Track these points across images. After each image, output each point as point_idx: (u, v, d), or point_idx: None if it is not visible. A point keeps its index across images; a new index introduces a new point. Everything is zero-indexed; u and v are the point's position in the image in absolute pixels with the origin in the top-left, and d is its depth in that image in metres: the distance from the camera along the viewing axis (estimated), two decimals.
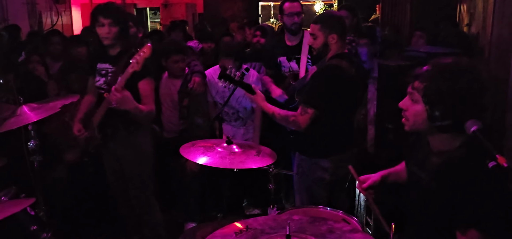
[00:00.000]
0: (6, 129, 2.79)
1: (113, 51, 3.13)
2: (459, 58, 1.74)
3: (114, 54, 3.13)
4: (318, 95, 2.78)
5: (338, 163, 2.92)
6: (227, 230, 1.68)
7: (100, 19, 3.02)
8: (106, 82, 3.12)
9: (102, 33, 3.04)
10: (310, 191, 2.96)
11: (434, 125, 1.68)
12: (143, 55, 2.81)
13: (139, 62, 2.81)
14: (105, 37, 3.05)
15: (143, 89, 3.04)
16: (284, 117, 2.85)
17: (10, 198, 2.58)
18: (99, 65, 3.19)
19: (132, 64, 2.82)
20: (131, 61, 2.82)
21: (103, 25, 3.02)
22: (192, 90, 3.73)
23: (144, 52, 2.82)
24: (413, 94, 1.73)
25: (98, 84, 3.19)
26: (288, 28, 3.86)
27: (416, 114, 1.73)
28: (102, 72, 3.17)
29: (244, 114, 4.00)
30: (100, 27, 3.04)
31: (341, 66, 2.78)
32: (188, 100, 3.80)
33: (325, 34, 2.81)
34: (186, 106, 3.81)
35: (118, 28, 3.05)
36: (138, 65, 2.81)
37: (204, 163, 2.44)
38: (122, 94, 2.80)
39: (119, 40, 3.08)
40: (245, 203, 4.50)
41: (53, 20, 7.72)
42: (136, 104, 2.92)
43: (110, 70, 3.12)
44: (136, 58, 2.82)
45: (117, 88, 2.80)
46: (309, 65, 3.82)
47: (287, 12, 3.86)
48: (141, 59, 2.81)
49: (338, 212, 2.53)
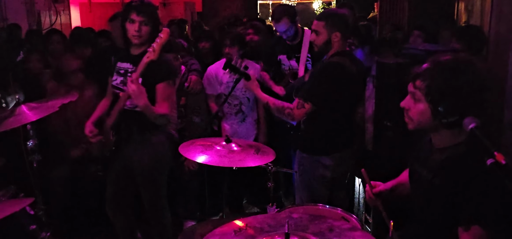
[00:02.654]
0: (5, 129, 2.79)
1: (137, 50, 2.91)
2: (457, 55, 1.75)
3: (137, 53, 2.88)
4: (317, 91, 2.78)
5: (339, 160, 2.93)
6: (227, 228, 1.68)
7: (132, 15, 2.81)
8: (123, 82, 2.89)
9: (130, 30, 2.82)
10: (311, 189, 2.97)
11: (439, 122, 1.68)
12: (160, 41, 2.65)
13: (156, 50, 2.64)
14: (134, 36, 2.83)
15: (161, 91, 2.85)
16: (279, 108, 2.84)
17: (9, 198, 2.58)
18: (119, 64, 2.98)
19: (148, 53, 2.65)
20: (147, 50, 2.67)
21: (134, 22, 2.80)
22: (188, 89, 3.72)
23: (160, 38, 2.65)
24: (415, 93, 1.73)
25: (115, 84, 2.98)
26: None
27: (420, 113, 1.73)
28: (121, 71, 2.96)
29: (246, 107, 3.99)
30: (130, 24, 2.82)
31: (343, 64, 2.78)
32: (186, 99, 3.79)
33: (329, 32, 2.81)
34: (183, 105, 3.81)
35: (149, 28, 2.84)
36: (155, 53, 2.64)
37: (203, 161, 2.44)
38: (138, 86, 2.64)
39: (148, 39, 2.82)
40: (245, 201, 4.51)
41: (52, 19, 7.70)
42: (148, 103, 2.72)
43: (130, 70, 2.89)
44: (152, 46, 2.65)
45: (133, 79, 2.63)
46: (308, 64, 3.83)
47: (276, 29, 3.91)
48: (158, 46, 2.64)
49: (337, 210, 2.54)
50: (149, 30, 2.84)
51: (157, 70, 2.78)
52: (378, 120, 3.34)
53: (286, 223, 1.55)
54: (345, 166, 3.03)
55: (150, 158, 3.00)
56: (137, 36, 2.83)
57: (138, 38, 2.84)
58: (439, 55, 1.74)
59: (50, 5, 7.70)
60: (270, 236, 1.61)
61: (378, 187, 2.14)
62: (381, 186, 2.15)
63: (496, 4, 3.38)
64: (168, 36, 2.68)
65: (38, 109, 2.90)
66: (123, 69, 2.96)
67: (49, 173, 3.58)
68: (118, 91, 2.92)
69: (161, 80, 2.84)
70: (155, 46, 2.65)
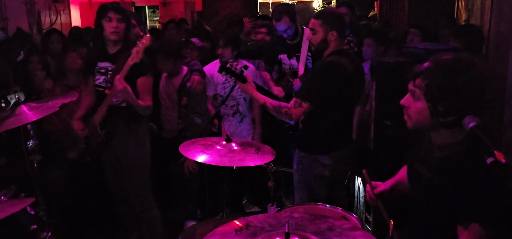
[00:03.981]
0: (5, 129, 2.79)
1: (113, 49, 3.15)
2: (458, 54, 1.75)
3: (114, 52, 3.15)
4: (316, 91, 2.79)
5: (338, 159, 2.93)
6: (227, 227, 1.67)
7: (109, 14, 3.05)
8: (105, 81, 3.15)
9: (109, 28, 3.07)
10: (310, 188, 2.97)
11: (437, 121, 1.68)
12: (142, 46, 2.87)
13: (139, 52, 2.88)
14: (112, 32, 3.07)
15: (141, 85, 3.09)
16: (276, 107, 2.85)
17: (9, 198, 2.58)
18: (99, 64, 3.20)
19: (132, 55, 2.89)
20: (131, 52, 2.88)
21: (111, 20, 3.05)
22: (190, 89, 3.73)
23: (143, 43, 2.88)
24: (415, 91, 1.73)
25: (98, 83, 3.21)
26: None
27: (418, 112, 1.73)
28: (101, 71, 3.19)
29: (244, 108, 3.99)
30: (107, 22, 3.06)
31: (340, 63, 2.78)
32: (187, 99, 3.79)
33: (325, 31, 2.81)
34: (184, 106, 3.81)
35: (124, 25, 3.10)
36: (138, 55, 2.88)
37: (203, 161, 2.44)
38: (124, 84, 2.89)
39: (123, 38, 3.12)
40: (245, 201, 4.51)
41: (52, 19, 7.69)
42: (135, 98, 3.02)
43: (110, 68, 3.13)
44: (135, 49, 2.87)
45: (119, 78, 2.88)
46: (308, 63, 3.83)
47: (276, 28, 3.90)
48: (141, 50, 2.87)
49: (337, 209, 2.54)
50: (125, 27, 3.11)
51: (136, 67, 2.97)
52: (378, 119, 3.35)
53: (286, 223, 1.55)
54: (344, 165, 3.03)
55: (136, 149, 3.24)
56: (115, 32, 3.07)
57: (116, 35, 3.08)
58: (440, 54, 1.74)
59: (50, 4, 7.69)
60: (270, 235, 1.61)
61: (379, 187, 2.14)
62: (382, 186, 2.14)
63: (496, 2, 3.39)
64: (149, 43, 2.92)
65: (38, 109, 2.90)
66: (104, 69, 3.18)
67: (49, 173, 3.58)
68: (102, 90, 3.14)
69: (141, 74, 3.07)
70: (138, 49, 2.89)
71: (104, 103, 3.12)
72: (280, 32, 3.90)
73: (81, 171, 3.72)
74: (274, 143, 2.95)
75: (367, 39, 3.89)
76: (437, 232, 1.78)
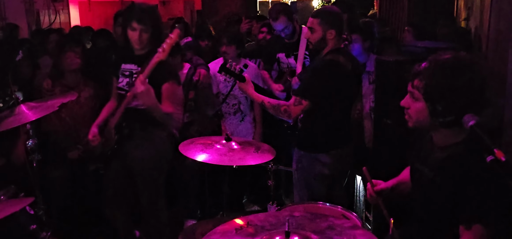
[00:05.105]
0: (5, 128, 2.78)
1: (140, 51, 2.94)
2: (458, 54, 1.74)
3: (141, 54, 2.93)
4: (315, 89, 2.79)
5: (337, 158, 2.93)
6: (228, 226, 1.68)
7: (133, 24, 2.86)
8: (129, 84, 2.93)
9: (132, 38, 2.89)
10: (309, 187, 2.97)
11: (437, 121, 1.68)
12: (170, 42, 2.69)
13: (165, 50, 2.68)
14: (136, 42, 2.89)
15: (166, 91, 2.87)
16: (275, 106, 2.85)
17: (9, 197, 2.57)
18: (124, 66, 3.00)
19: (158, 53, 2.69)
20: (157, 50, 2.70)
21: (135, 30, 2.86)
22: (198, 82, 3.72)
23: (171, 38, 2.70)
24: (414, 92, 1.74)
25: (120, 85, 3.00)
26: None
27: (418, 112, 1.74)
28: (125, 73, 2.99)
29: (245, 106, 3.99)
30: (131, 32, 2.88)
31: (338, 62, 2.79)
32: (194, 93, 3.79)
33: (324, 29, 2.81)
34: (192, 99, 3.81)
35: (149, 34, 2.89)
36: (165, 53, 2.69)
37: (203, 160, 2.44)
38: (146, 86, 2.66)
39: (149, 45, 2.90)
40: (245, 200, 4.50)
41: (51, 18, 7.68)
42: (157, 102, 2.78)
43: (135, 71, 2.93)
44: (162, 46, 2.69)
45: (142, 79, 2.65)
46: (306, 61, 3.83)
47: (274, 28, 3.90)
48: (168, 47, 2.69)
49: (337, 208, 2.54)
50: (150, 36, 2.89)
51: (163, 71, 2.80)
52: (378, 118, 3.34)
53: (286, 222, 1.55)
54: (344, 163, 3.03)
55: (151, 154, 3.01)
56: (139, 42, 2.89)
57: (140, 44, 2.90)
58: (439, 54, 1.74)
59: (49, 4, 7.68)
60: (271, 234, 1.61)
61: (379, 185, 2.14)
62: (382, 185, 2.14)
63: (496, 1, 3.38)
64: (178, 37, 2.73)
65: (37, 108, 2.90)
66: (128, 71, 2.98)
67: (49, 173, 3.58)
68: (124, 93, 2.94)
69: (167, 81, 2.87)
70: (165, 46, 2.69)
71: (121, 107, 2.90)
72: (278, 32, 3.89)
73: (81, 170, 3.72)
74: (274, 142, 2.96)
75: (354, 35, 3.91)
76: (438, 232, 1.78)
